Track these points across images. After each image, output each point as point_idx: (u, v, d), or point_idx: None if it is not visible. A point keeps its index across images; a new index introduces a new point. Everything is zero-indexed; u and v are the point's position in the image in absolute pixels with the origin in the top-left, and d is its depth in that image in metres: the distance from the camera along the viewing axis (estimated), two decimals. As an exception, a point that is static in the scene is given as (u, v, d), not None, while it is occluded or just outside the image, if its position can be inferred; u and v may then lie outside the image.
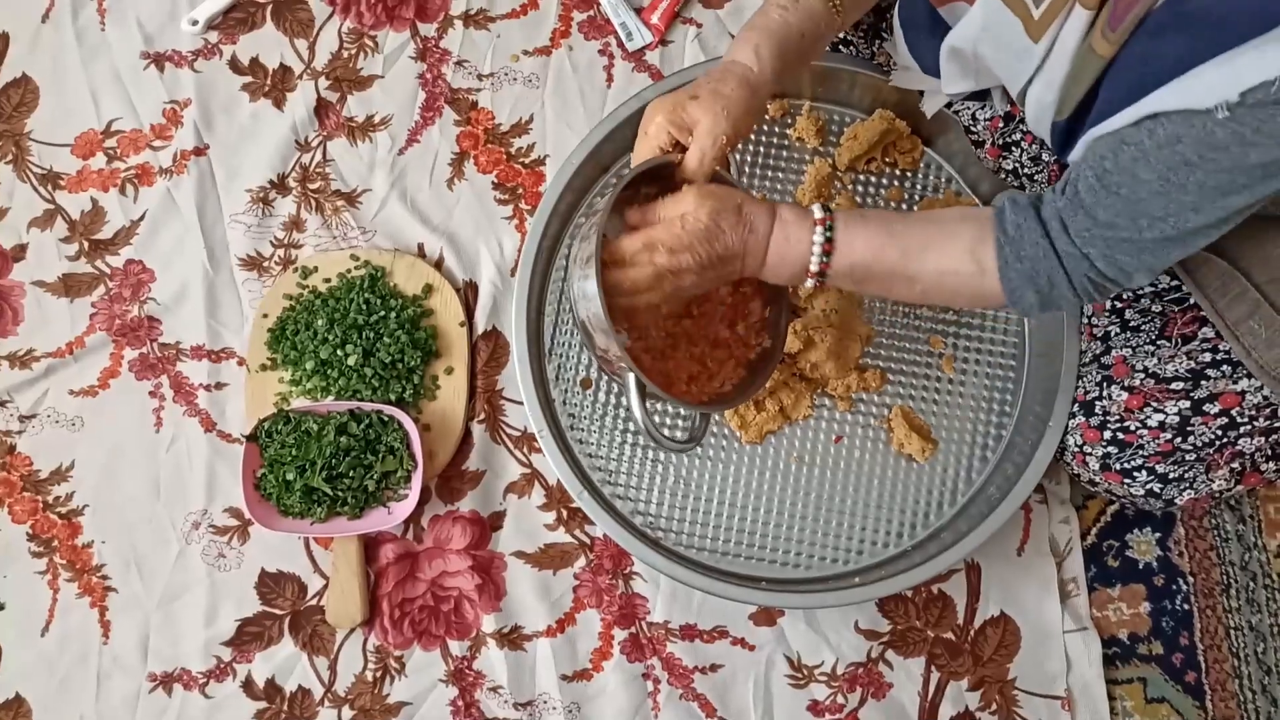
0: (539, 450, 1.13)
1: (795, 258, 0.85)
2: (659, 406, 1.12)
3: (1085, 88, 0.75)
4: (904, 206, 1.17)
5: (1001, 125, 1.03)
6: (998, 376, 1.13)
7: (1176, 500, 0.98)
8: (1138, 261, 0.75)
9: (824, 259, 0.85)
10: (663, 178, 0.87)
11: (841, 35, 1.15)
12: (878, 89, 1.15)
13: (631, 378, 0.82)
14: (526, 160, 1.25)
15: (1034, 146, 1.02)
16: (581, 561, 1.13)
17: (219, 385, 1.18)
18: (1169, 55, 0.66)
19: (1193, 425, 0.94)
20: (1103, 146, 0.73)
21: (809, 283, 0.87)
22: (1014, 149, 1.04)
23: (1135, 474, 0.97)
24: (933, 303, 1.02)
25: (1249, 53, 0.62)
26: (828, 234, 0.84)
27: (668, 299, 0.86)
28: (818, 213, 0.85)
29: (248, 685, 1.09)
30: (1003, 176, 1.08)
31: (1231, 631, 1.12)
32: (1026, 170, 1.04)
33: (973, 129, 1.07)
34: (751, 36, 0.87)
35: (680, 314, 0.98)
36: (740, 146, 1.19)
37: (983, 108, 1.04)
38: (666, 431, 1.11)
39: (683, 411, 1.12)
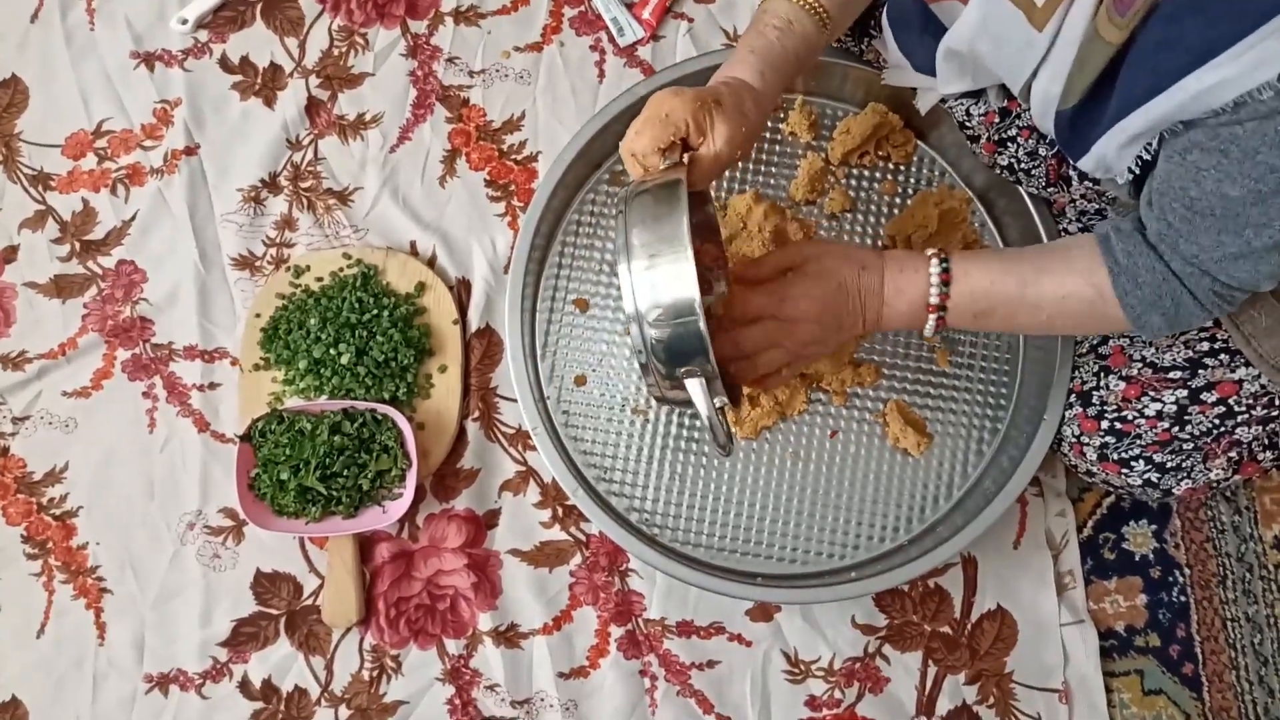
0: (533, 448, 1.13)
1: (914, 295, 0.85)
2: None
3: (1092, 76, 0.73)
4: (897, 200, 1.17)
5: (997, 120, 1.03)
6: (992, 370, 1.13)
7: (1174, 490, 0.98)
8: (1257, 270, 0.73)
9: (943, 289, 0.84)
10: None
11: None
12: (870, 83, 1.14)
13: (699, 380, 0.76)
14: (518, 157, 1.25)
15: (1030, 141, 1.01)
16: (577, 559, 1.12)
17: (212, 385, 1.18)
18: (1191, 41, 0.64)
19: (1190, 414, 0.94)
20: (1180, 178, 0.71)
21: (930, 320, 0.86)
22: (1009, 144, 1.03)
23: (1133, 464, 0.97)
24: (1059, 332, 0.98)
25: (1272, 34, 0.60)
26: (944, 265, 0.84)
27: (796, 356, 0.87)
28: (929, 250, 0.86)
29: (244, 685, 1.09)
30: (998, 172, 1.08)
31: (1228, 623, 1.12)
32: (1023, 166, 1.04)
33: (967, 125, 1.06)
34: (755, 62, 0.85)
35: None
36: (733, 141, 1.18)
37: (977, 103, 1.03)
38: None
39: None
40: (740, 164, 1.18)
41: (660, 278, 0.73)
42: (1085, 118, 0.78)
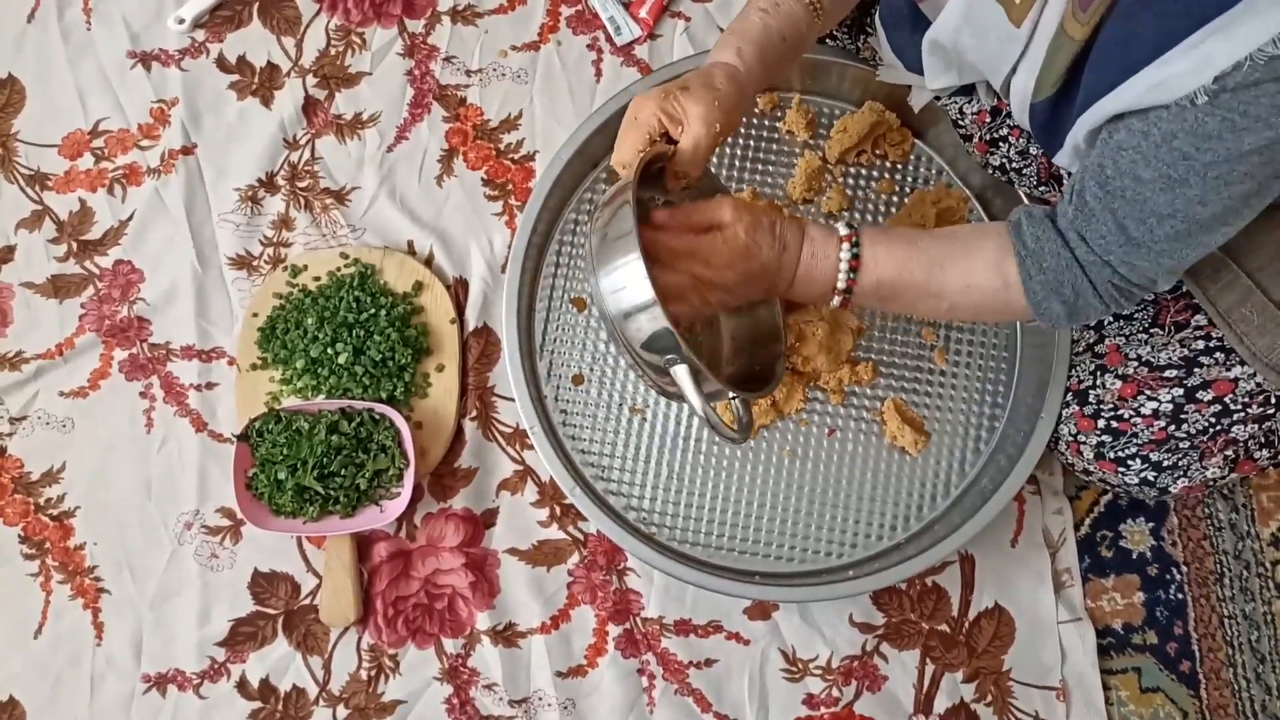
0: (531, 447, 1.13)
1: (822, 276, 0.85)
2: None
3: (1059, 72, 0.75)
4: (894, 198, 1.17)
5: (989, 120, 1.03)
6: (990, 368, 1.13)
7: (1170, 489, 0.98)
8: (1156, 264, 0.75)
9: (850, 275, 0.85)
10: (650, 175, 0.86)
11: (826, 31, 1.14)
12: (867, 81, 1.14)
13: (683, 368, 0.78)
14: (516, 156, 1.25)
15: (1021, 140, 1.02)
16: (575, 558, 1.12)
17: (209, 385, 1.18)
18: (1145, 39, 0.65)
19: (1186, 413, 0.94)
20: (1100, 154, 0.73)
21: (835, 300, 0.86)
22: (1001, 144, 1.04)
23: (1129, 462, 0.97)
24: (960, 319, 1.01)
25: (1215, 34, 0.62)
26: (854, 250, 0.84)
27: (692, 313, 0.85)
28: (843, 229, 0.85)
29: (242, 685, 1.09)
30: (991, 172, 1.08)
31: (1225, 620, 1.13)
32: (1014, 165, 1.04)
33: (960, 123, 1.06)
34: (733, 40, 0.87)
35: None
36: (730, 140, 1.19)
37: (969, 102, 1.04)
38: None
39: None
40: (738, 163, 1.18)
41: (619, 282, 0.76)
42: (1057, 113, 0.79)
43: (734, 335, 1.03)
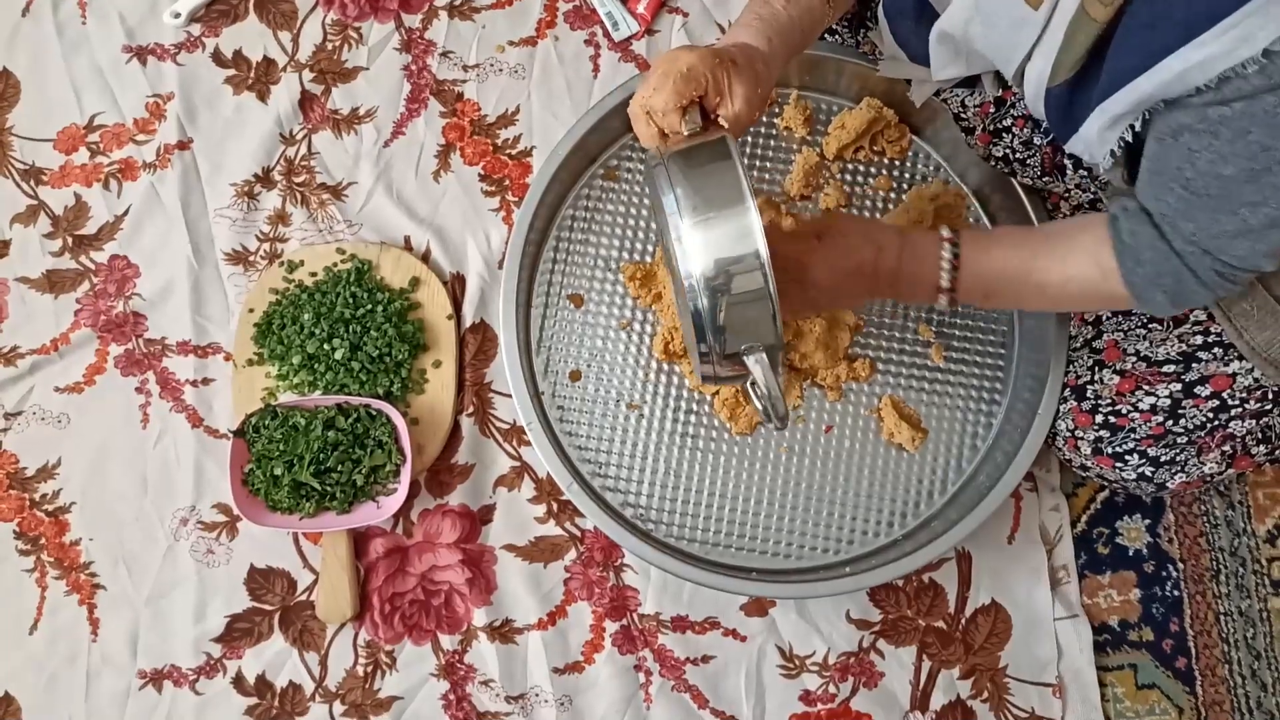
0: (528, 443, 1.13)
1: (925, 276, 0.88)
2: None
3: (1078, 54, 0.74)
4: (892, 195, 1.17)
5: (992, 110, 1.03)
6: (987, 365, 1.13)
7: (1168, 484, 0.98)
8: (1255, 249, 0.74)
9: (953, 274, 0.88)
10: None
11: (827, 24, 1.14)
12: (865, 77, 1.14)
13: (762, 354, 0.73)
14: (513, 151, 1.24)
15: (1025, 131, 1.02)
16: (572, 554, 1.12)
17: (205, 381, 1.17)
18: (1175, 18, 0.64)
19: (1184, 408, 0.94)
20: (1173, 160, 0.72)
21: (942, 301, 0.90)
22: (1005, 135, 1.03)
23: (1127, 458, 0.97)
24: (1063, 309, 1.02)
25: (1253, 15, 0.61)
26: (955, 250, 0.87)
27: (791, 314, 0.88)
28: (945, 232, 0.88)
29: (238, 681, 1.09)
30: (993, 164, 1.08)
31: (1221, 617, 1.13)
32: (1018, 155, 1.04)
33: (962, 116, 1.06)
34: (762, 28, 0.84)
35: None
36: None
37: (971, 94, 1.03)
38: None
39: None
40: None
41: (719, 237, 0.69)
42: (1074, 98, 0.78)
43: None
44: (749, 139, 1.18)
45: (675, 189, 0.71)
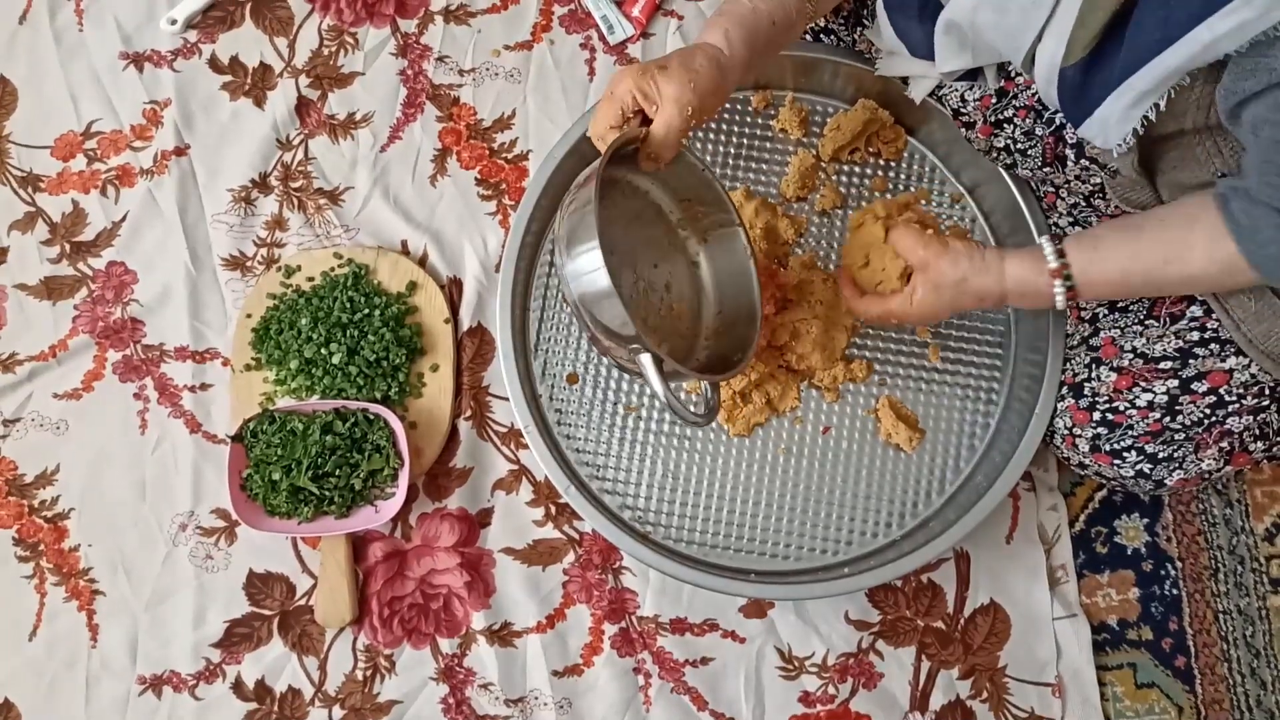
0: (526, 446, 1.13)
1: (1039, 300, 0.92)
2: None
3: (1094, 30, 0.73)
4: (888, 196, 1.17)
5: (994, 102, 1.02)
6: (984, 364, 1.13)
7: (1166, 481, 0.98)
8: None
9: (1069, 304, 0.91)
10: (626, 155, 0.86)
11: (822, 23, 1.14)
12: (860, 79, 1.14)
13: (647, 356, 0.81)
14: (509, 156, 1.25)
15: (1027, 121, 1.01)
16: (570, 557, 1.12)
17: (203, 386, 1.17)
18: None
19: (1181, 404, 0.94)
20: (1264, 151, 0.71)
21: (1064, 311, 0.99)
22: (1006, 125, 1.03)
23: (1125, 455, 0.97)
24: (1185, 293, 1.03)
25: None
26: (1068, 285, 0.89)
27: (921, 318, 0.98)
28: (1052, 260, 0.89)
29: (237, 686, 1.09)
30: (993, 157, 1.08)
31: (1220, 616, 1.13)
32: (1019, 146, 1.04)
33: (963, 110, 1.06)
34: (721, 22, 0.86)
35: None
36: (723, 139, 1.19)
37: (972, 88, 1.03)
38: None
39: (683, 387, 1.13)
40: (731, 161, 1.18)
41: (580, 268, 0.79)
42: (1090, 78, 0.77)
43: (720, 313, 1.02)
44: (744, 141, 1.19)
45: (559, 223, 0.84)
